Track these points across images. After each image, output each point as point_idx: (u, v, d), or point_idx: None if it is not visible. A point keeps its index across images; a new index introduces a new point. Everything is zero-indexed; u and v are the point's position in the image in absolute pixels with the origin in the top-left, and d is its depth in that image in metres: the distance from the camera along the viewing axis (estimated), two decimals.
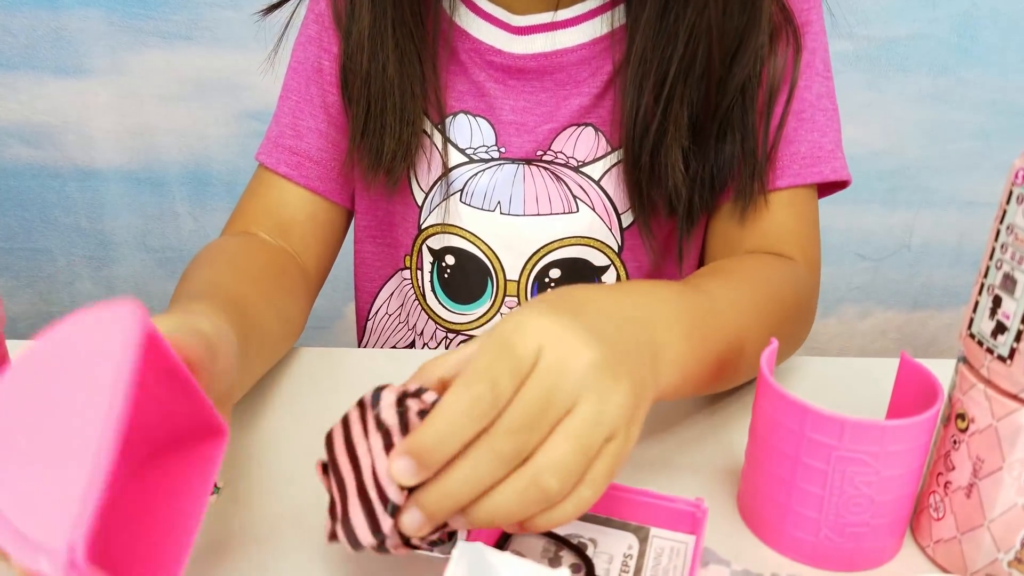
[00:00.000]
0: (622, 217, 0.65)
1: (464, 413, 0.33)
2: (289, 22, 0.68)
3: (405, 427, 0.35)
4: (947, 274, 1.39)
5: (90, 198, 1.33)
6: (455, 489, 0.34)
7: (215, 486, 0.47)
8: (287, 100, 0.69)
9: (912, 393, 0.45)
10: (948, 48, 1.23)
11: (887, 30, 1.22)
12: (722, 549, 0.44)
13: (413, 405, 0.35)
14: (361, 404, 0.36)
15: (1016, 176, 0.39)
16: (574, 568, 0.42)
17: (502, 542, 0.43)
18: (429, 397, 0.35)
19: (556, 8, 0.62)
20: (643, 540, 0.43)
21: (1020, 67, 1.24)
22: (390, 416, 0.35)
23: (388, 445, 0.35)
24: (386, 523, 0.34)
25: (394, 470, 0.34)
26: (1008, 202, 0.39)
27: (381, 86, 0.63)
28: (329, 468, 0.37)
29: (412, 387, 0.36)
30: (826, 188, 0.65)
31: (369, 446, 0.35)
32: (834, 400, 0.44)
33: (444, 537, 0.36)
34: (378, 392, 0.36)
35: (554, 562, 0.42)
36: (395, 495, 0.34)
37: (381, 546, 0.35)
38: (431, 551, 0.37)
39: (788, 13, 0.61)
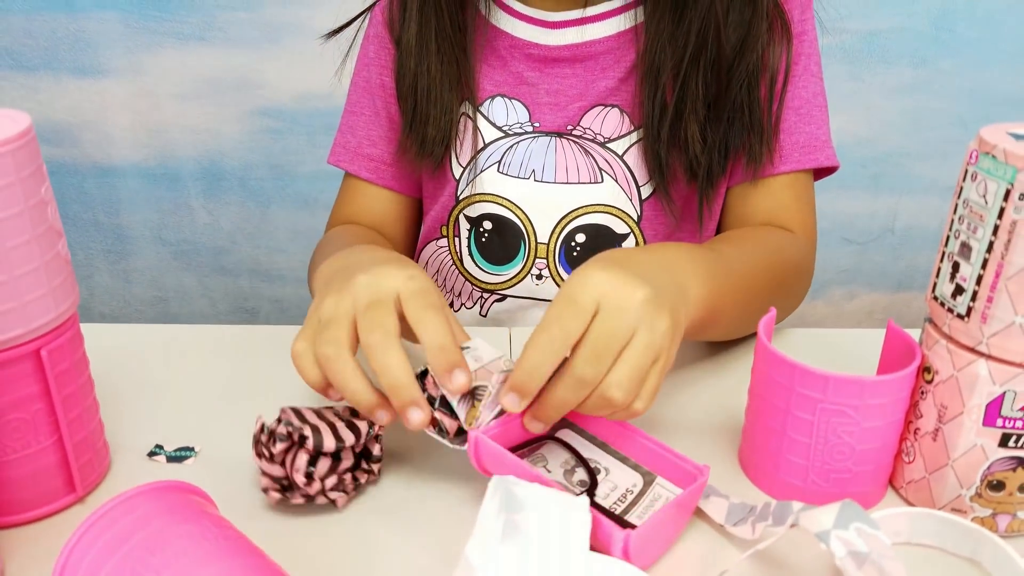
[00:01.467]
0: (642, 189, 0.73)
1: (543, 352, 0.45)
2: (355, 36, 0.79)
3: None
4: (929, 256, 1.44)
5: (107, 194, 1.37)
6: (552, 408, 0.47)
7: (191, 448, 0.54)
8: (359, 116, 0.79)
9: (896, 356, 0.51)
10: (927, 40, 1.27)
11: (869, 24, 1.26)
12: (722, 487, 0.50)
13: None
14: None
15: (970, 156, 0.44)
16: (581, 484, 0.49)
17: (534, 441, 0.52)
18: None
19: (584, 6, 0.72)
20: (648, 483, 0.49)
21: (995, 58, 1.28)
22: None
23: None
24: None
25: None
26: (964, 179, 0.45)
27: (426, 83, 0.73)
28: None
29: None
30: (818, 173, 0.74)
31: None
32: (827, 364, 0.49)
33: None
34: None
35: (568, 474, 0.50)
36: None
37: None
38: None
39: (783, 12, 0.69)
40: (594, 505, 0.43)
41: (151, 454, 0.54)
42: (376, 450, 0.50)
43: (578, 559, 0.39)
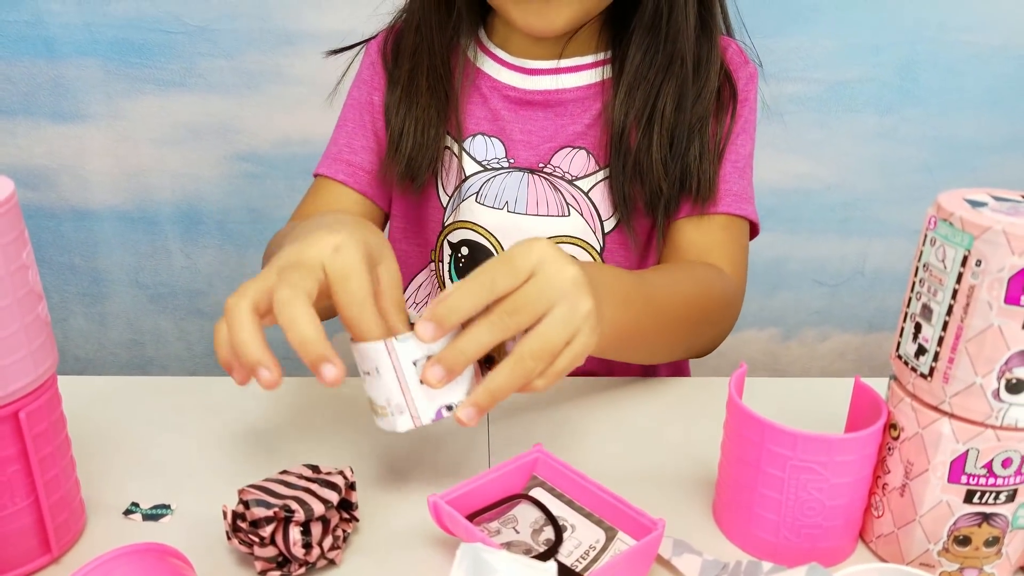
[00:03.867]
0: (605, 223, 0.78)
1: (468, 294, 0.48)
2: (347, 71, 0.85)
3: None
4: (899, 298, 1.45)
5: (84, 237, 1.37)
6: (466, 347, 0.48)
7: (167, 506, 0.54)
8: (344, 128, 0.83)
9: (864, 411, 0.52)
10: (892, 90, 1.30)
11: (836, 74, 1.29)
12: (697, 546, 0.51)
13: None
14: None
15: (929, 221, 0.46)
16: (547, 543, 0.50)
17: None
18: None
19: (559, 58, 0.78)
20: (610, 539, 0.50)
21: (958, 106, 1.32)
22: None
23: None
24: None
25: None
26: (924, 243, 0.47)
27: (413, 116, 0.79)
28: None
29: None
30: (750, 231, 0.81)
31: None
32: (798, 417, 0.51)
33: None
34: None
35: (536, 533, 0.51)
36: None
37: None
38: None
39: (730, 78, 0.78)
40: (557, 563, 0.44)
41: (127, 512, 0.54)
42: (354, 497, 0.50)
43: None
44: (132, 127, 1.30)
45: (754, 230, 0.80)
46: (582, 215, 0.78)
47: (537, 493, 0.53)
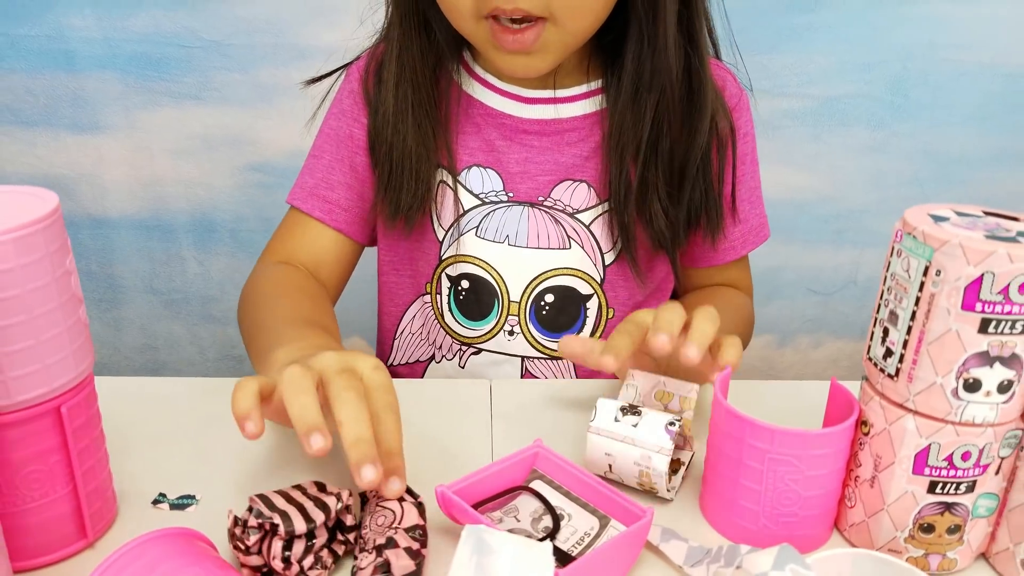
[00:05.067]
0: (605, 256, 0.80)
1: (672, 313, 0.59)
2: (327, 94, 0.83)
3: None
4: None
5: (101, 244, 1.41)
6: (698, 332, 0.58)
7: (192, 496, 0.58)
8: (320, 159, 0.82)
9: (839, 409, 0.56)
10: (883, 105, 1.34)
11: (829, 90, 1.33)
12: (684, 534, 0.55)
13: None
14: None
15: (896, 235, 0.50)
16: (545, 529, 0.54)
17: None
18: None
19: (555, 88, 0.78)
20: (603, 526, 0.54)
21: (947, 121, 1.36)
22: None
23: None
24: None
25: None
26: (891, 255, 0.51)
27: (401, 153, 0.77)
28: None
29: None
30: None
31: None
32: (781, 416, 0.55)
33: None
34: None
35: (535, 522, 0.55)
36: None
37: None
38: None
39: (728, 113, 0.79)
40: (556, 551, 0.48)
41: (155, 502, 0.58)
42: (349, 520, 0.51)
43: None
44: (149, 138, 1.34)
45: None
46: (583, 247, 0.79)
47: (537, 485, 0.57)
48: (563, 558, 0.51)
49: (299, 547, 0.49)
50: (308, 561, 0.49)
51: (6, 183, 0.51)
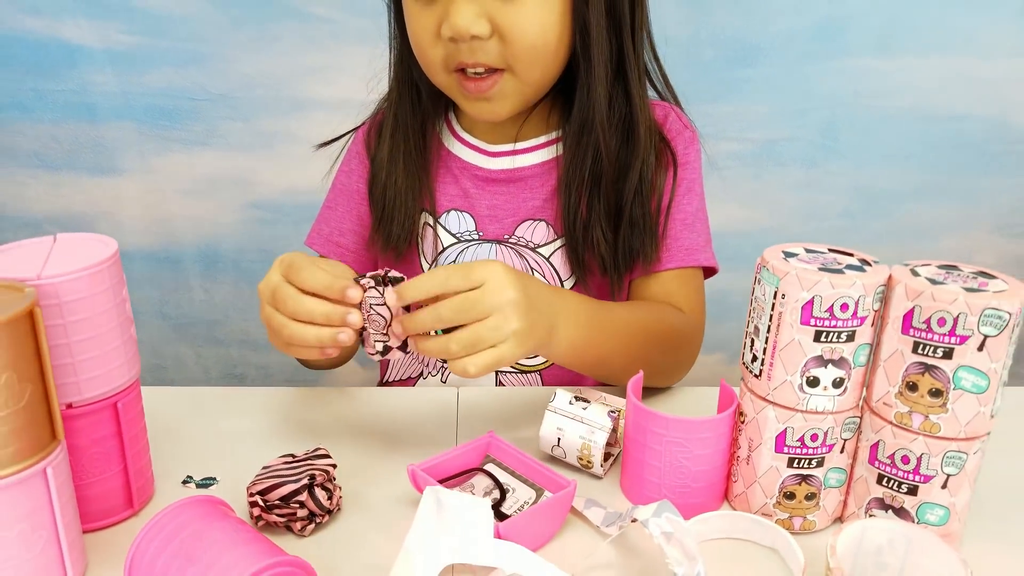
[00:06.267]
0: (564, 283, 0.93)
1: (428, 282, 0.64)
2: (339, 155, 0.99)
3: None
4: None
5: None
6: (418, 321, 0.64)
7: (214, 478, 0.72)
8: (334, 211, 0.98)
9: (727, 404, 0.70)
10: (815, 147, 1.49)
11: (767, 134, 1.48)
12: (603, 503, 0.69)
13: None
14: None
15: (757, 267, 0.66)
16: (494, 499, 0.67)
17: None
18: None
19: (515, 141, 0.92)
20: (539, 495, 0.68)
21: (874, 161, 1.50)
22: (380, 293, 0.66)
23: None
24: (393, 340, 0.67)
25: (387, 295, 0.64)
26: (754, 283, 0.66)
27: (393, 193, 0.92)
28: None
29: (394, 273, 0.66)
30: (707, 272, 0.93)
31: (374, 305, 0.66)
32: (691, 412, 0.70)
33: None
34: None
35: (487, 494, 0.68)
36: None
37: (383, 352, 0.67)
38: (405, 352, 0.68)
39: (669, 145, 0.90)
40: (500, 514, 0.63)
41: (184, 482, 0.72)
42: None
43: (485, 543, 0.58)
44: (161, 180, 1.48)
45: (713, 270, 0.91)
46: (544, 277, 0.91)
47: (490, 467, 0.72)
48: (503, 518, 0.65)
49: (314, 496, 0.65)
50: (322, 496, 0.65)
51: (33, 221, 0.66)
